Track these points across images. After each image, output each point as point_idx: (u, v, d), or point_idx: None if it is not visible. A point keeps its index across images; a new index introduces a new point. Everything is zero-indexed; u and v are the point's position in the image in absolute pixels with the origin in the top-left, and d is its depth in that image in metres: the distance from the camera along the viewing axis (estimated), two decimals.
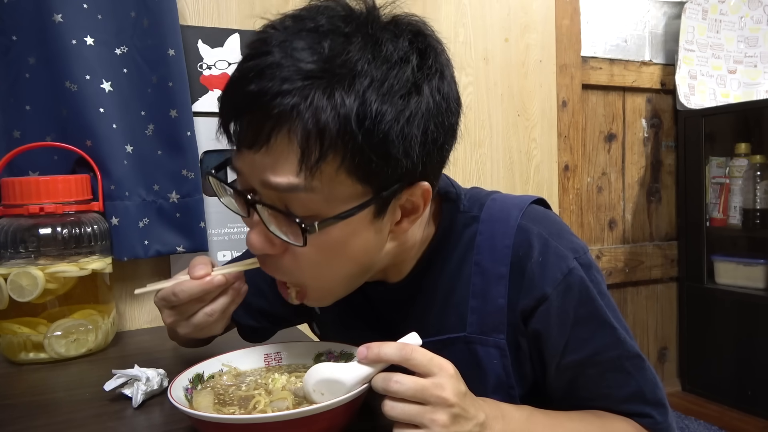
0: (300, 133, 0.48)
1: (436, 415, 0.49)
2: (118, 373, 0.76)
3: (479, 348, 0.65)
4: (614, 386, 0.64)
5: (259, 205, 0.53)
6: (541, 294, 0.62)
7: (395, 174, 0.52)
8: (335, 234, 0.53)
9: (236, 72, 0.52)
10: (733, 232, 1.99)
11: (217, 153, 1.31)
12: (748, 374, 1.85)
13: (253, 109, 0.50)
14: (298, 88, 0.48)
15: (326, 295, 0.62)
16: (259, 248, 0.56)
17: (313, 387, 0.55)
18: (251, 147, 0.51)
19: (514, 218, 0.65)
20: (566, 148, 1.81)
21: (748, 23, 2.08)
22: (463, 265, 0.66)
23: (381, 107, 0.48)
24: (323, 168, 0.49)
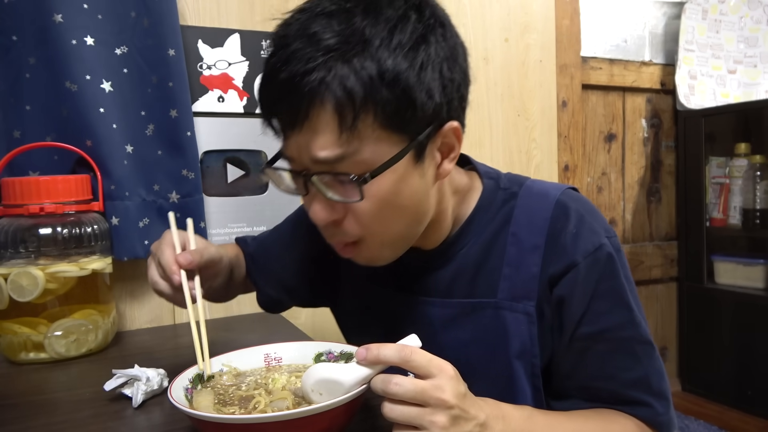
0: (332, 102, 0.53)
1: (435, 416, 0.49)
2: (118, 373, 0.76)
3: (507, 314, 0.67)
4: (621, 368, 0.65)
5: (314, 177, 0.58)
6: (571, 261, 0.65)
7: (424, 118, 0.57)
8: (385, 184, 0.58)
9: (265, 69, 0.58)
10: (733, 232, 1.99)
11: (217, 153, 1.31)
12: (747, 374, 1.85)
13: (287, 95, 0.55)
14: (320, 63, 0.53)
15: (384, 248, 0.65)
16: (324, 217, 0.60)
17: (312, 387, 0.55)
18: (293, 128, 0.56)
19: (553, 195, 0.69)
20: (566, 148, 1.81)
21: (748, 23, 2.08)
22: (499, 236, 0.70)
23: (395, 62, 0.54)
24: (360, 128, 0.54)
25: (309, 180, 0.58)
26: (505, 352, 0.67)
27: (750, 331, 1.84)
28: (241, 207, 1.33)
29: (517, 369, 0.67)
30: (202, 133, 1.26)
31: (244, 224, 1.34)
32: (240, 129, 1.32)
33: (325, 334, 1.42)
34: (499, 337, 0.68)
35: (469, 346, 0.70)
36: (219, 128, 1.30)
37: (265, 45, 1.33)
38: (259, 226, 1.35)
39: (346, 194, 0.58)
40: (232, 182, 1.33)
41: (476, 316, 0.69)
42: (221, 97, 1.30)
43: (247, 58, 1.32)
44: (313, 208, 0.61)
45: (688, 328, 2.05)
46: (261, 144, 1.34)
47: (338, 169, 0.56)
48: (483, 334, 0.69)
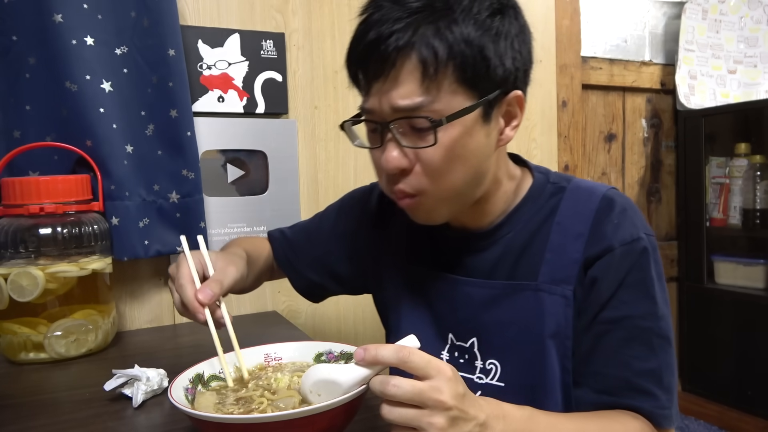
0: (417, 57, 0.61)
1: (433, 418, 0.49)
2: (118, 373, 0.76)
3: (546, 296, 0.70)
4: (635, 357, 0.66)
5: (392, 125, 0.64)
6: (608, 245, 0.68)
7: (494, 81, 0.64)
8: (455, 133, 0.64)
9: (356, 30, 0.65)
10: (733, 232, 1.99)
11: (217, 153, 1.31)
12: (748, 374, 1.85)
13: (377, 51, 0.62)
14: (408, 23, 0.61)
15: (442, 203, 0.69)
16: (396, 164, 0.65)
17: (310, 388, 0.55)
18: (379, 78, 0.63)
19: (600, 190, 0.73)
20: (566, 148, 1.81)
21: (748, 23, 2.08)
22: (544, 224, 0.74)
23: (474, 27, 0.62)
24: (439, 81, 0.61)
25: (386, 129, 0.64)
26: (540, 331, 0.70)
27: (750, 331, 1.84)
28: (241, 207, 1.33)
29: (549, 348, 0.69)
30: (202, 133, 1.26)
31: (244, 224, 1.34)
32: (240, 129, 1.32)
33: (325, 334, 1.42)
34: (535, 318, 0.70)
35: (507, 326, 0.73)
36: (219, 128, 1.30)
37: (265, 44, 1.34)
38: (259, 226, 1.35)
39: (420, 141, 0.64)
40: (232, 182, 1.33)
41: (516, 297, 0.72)
42: (221, 97, 1.30)
43: (247, 58, 1.32)
44: (386, 156, 0.65)
45: (688, 328, 2.05)
46: (261, 144, 1.34)
47: (415, 115, 0.62)
48: (521, 315, 0.71)
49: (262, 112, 1.34)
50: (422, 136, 0.64)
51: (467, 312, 0.75)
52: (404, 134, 0.65)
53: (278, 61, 1.35)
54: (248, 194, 1.35)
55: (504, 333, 0.73)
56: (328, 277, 0.95)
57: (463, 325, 0.76)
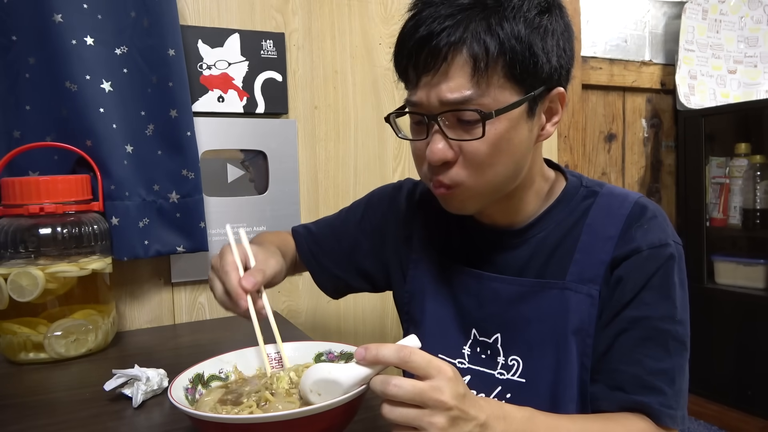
0: (469, 52, 0.62)
1: (434, 418, 0.49)
2: (118, 373, 0.76)
3: (572, 294, 0.72)
4: (650, 356, 0.67)
5: (440, 117, 0.65)
6: (636, 246, 0.70)
7: (540, 77, 0.66)
8: (501, 127, 0.65)
9: (405, 26, 0.67)
10: (733, 232, 1.99)
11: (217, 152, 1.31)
12: (748, 374, 1.85)
13: (428, 46, 0.63)
14: (460, 20, 0.62)
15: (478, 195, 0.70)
16: (441, 156, 0.66)
17: (310, 387, 0.55)
18: (429, 71, 0.64)
19: (632, 197, 0.75)
20: (566, 148, 1.81)
21: (748, 23, 2.08)
22: (575, 226, 0.75)
23: (524, 25, 0.63)
24: (490, 75, 0.63)
25: (433, 121, 0.66)
26: (563, 327, 0.71)
27: (750, 331, 1.84)
28: (241, 207, 1.33)
29: (570, 344, 0.70)
30: (202, 133, 1.26)
31: (244, 224, 1.34)
32: (240, 129, 1.32)
33: (325, 334, 1.42)
34: (560, 314, 0.72)
35: (532, 322, 0.74)
36: (219, 128, 1.30)
37: (265, 44, 1.34)
38: (259, 226, 1.35)
39: (465, 134, 0.65)
40: (232, 182, 1.33)
41: (543, 295, 0.73)
42: (221, 97, 1.30)
43: (247, 58, 1.32)
44: (432, 148, 0.66)
45: None
46: (261, 144, 1.34)
47: (464, 108, 0.64)
48: (546, 312, 0.73)
49: (262, 112, 1.34)
50: (469, 129, 0.65)
51: (493, 308, 0.76)
52: (450, 127, 0.66)
53: (278, 61, 1.35)
54: (248, 194, 1.35)
55: (529, 329, 0.74)
56: (353, 272, 0.96)
57: (488, 320, 0.77)
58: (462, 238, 0.83)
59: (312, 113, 1.41)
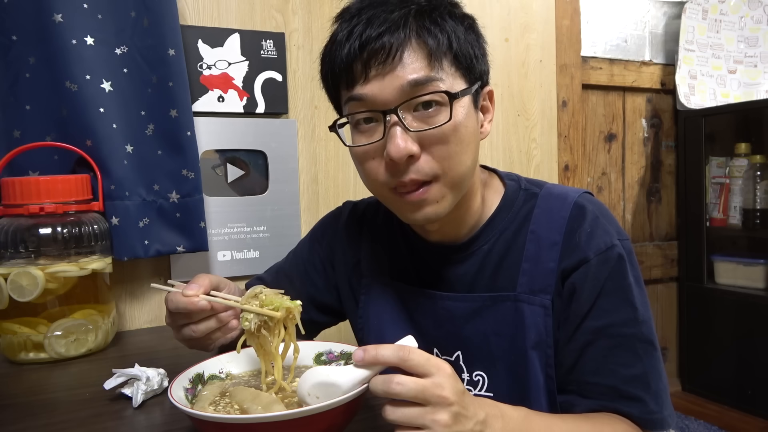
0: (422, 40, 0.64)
1: (437, 415, 0.49)
2: (118, 373, 0.76)
3: (525, 307, 0.71)
4: (621, 364, 0.66)
5: (400, 109, 0.64)
6: (584, 256, 0.69)
7: (476, 74, 0.69)
8: (460, 114, 0.66)
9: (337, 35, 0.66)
10: (733, 232, 1.99)
11: (218, 153, 1.31)
12: (748, 374, 1.85)
13: (379, 40, 0.63)
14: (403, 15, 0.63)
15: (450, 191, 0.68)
16: (404, 151, 0.63)
17: (309, 391, 0.55)
18: (384, 61, 0.63)
19: (571, 197, 0.74)
20: (566, 148, 1.81)
21: (748, 23, 2.08)
22: (519, 233, 0.74)
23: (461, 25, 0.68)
24: (443, 62, 0.65)
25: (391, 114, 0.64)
26: (522, 342, 0.70)
27: (750, 331, 1.84)
28: (241, 207, 1.33)
29: (532, 359, 0.70)
30: (202, 133, 1.26)
31: (244, 224, 1.34)
32: (240, 129, 1.32)
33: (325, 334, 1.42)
34: (517, 329, 0.71)
35: (490, 337, 0.73)
36: (219, 128, 1.30)
37: (265, 44, 1.34)
38: (259, 225, 1.35)
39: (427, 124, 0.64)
40: (232, 182, 1.33)
41: (496, 308, 0.72)
42: (221, 97, 1.30)
43: (247, 58, 1.32)
44: (393, 143, 0.63)
45: (688, 328, 2.05)
46: (261, 144, 1.34)
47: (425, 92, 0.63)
48: (503, 326, 0.72)
49: (262, 112, 1.34)
50: (430, 116, 0.64)
51: (450, 326, 0.75)
52: (408, 118, 0.65)
53: (278, 61, 1.35)
54: (248, 194, 1.35)
55: (488, 344, 0.73)
56: (315, 311, 0.93)
57: (447, 339, 0.76)
58: (411, 256, 0.82)
59: (312, 113, 1.41)
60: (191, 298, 0.67)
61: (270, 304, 0.63)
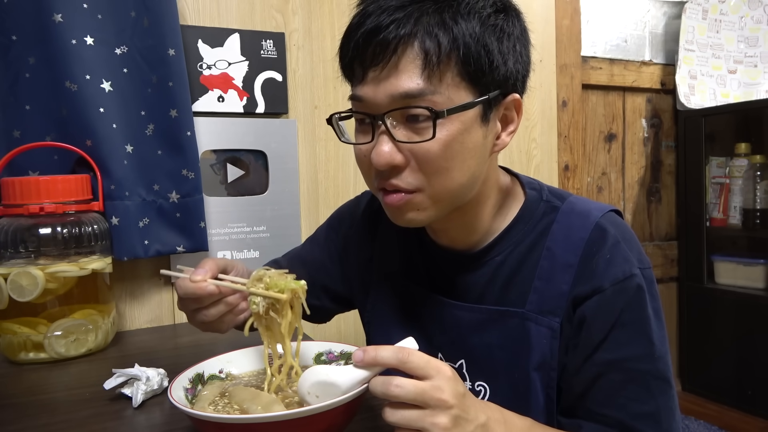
0: (420, 46, 0.59)
1: (436, 418, 0.49)
2: (118, 372, 0.76)
3: (532, 326, 0.68)
4: (633, 399, 0.64)
5: (387, 116, 0.61)
6: (599, 285, 0.65)
7: (495, 80, 0.63)
8: (454, 129, 0.61)
9: (353, 20, 0.63)
10: (733, 232, 1.99)
11: (217, 153, 1.31)
12: (748, 374, 1.85)
13: (376, 38, 0.59)
14: (410, 12, 0.59)
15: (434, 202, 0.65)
16: (387, 159, 0.61)
17: (308, 390, 0.55)
18: (378, 64, 0.60)
19: (594, 216, 0.69)
20: (566, 148, 1.81)
21: (748, 23, 2.08)
22: (534, 248, 0.71)
23: (479, 23, 0.60)
24: (442, 71, 0.59)
25: (379, 120, 0.61)
26: (525, 362, 0.68)
27: (750, 331, 1.84)
28: (241, 207, 1.33)
29: (534, 380, 0.68)
30: (202, 133, 1.26)
31: (244, 224, 1.34)
32: (240, 129, 1.32)
33: (325, 334, 1.42)
34: (521, 347, 0.69)
35: (494, 350, 0.71)
36: (219, 128, 1.30)
37: (265, 44, 1.34)
38: (259, 225, 1.35)
39: (415, 136, 0.61)
40: (232, 182, 1.33)
41: (503, 323, 0.70)
42: (221, 97, 1.30)
43: (247, 58, 1.32)
44: (377, 150, 0.62)
45: (688, 328, 2.05)
46: (261, 144, 1.34)
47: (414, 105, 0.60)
48: (508, 341, 0.70)
49: (262, 112, 1.34)
50: (419, 129, 0.61)
51: (456, 334, 0.74)
52: (398, 128, 0.62)
53: (278, 61, 1.35)
54: (248, 194, 1.35)
55: (492, 357, 0.71)
56: (328, 299, 0.93)
57: (452, 346, 0.75)
58: (423, 257, 0.80)
59: (312, 113, 1.41)
60: (199, 284, 0.67)
61: (275, 287, 0.62)
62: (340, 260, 0.92)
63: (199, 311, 0.70)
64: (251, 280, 0.64)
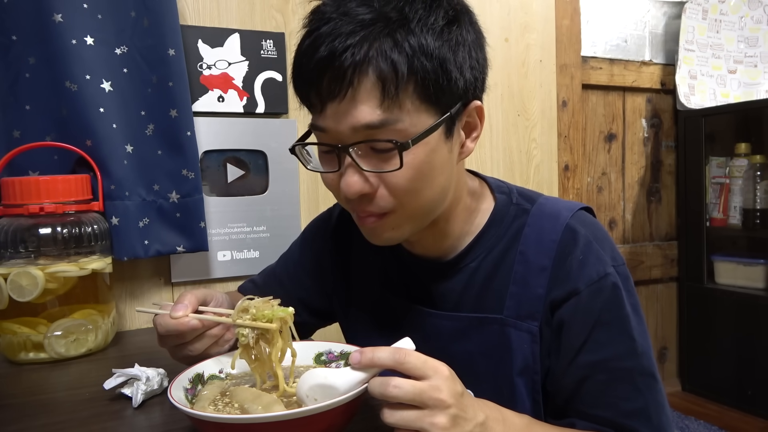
0: (377, 73, 0.56)
1: (435, 418, 0.49)
2: (118, 372, 0.76)
3: (512, 331, 0.68)
4: (621, 397, 0.64)
5: (352, 148, 0.59)
6: (574, 288, 0.65)
7: (456, 94, 0.61)
8: (420, 153, 0.60)
9: (302, 45, 0.60)
10: (733, 232, 1.99)
11: (217, 153, 1.31)
12: (748, 374, 1.85)
13: (330, 69, 0.57)
14: (363, 37, 0.56)
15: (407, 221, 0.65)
16: (357, 189, 0.61)
17: (307, 392, 0.55)
18: (335, 98, 0.58)
19: (564, 217, 0.69)
20: (566, 148, 1.81)
21: (748, 23, 2.08)
22: (508, 252, 0.71)
23: (433, 38, 0.58)
24: (401, 98, 0.57)
25: (345, 152, 0.60)
26: (508, 368, 0.68)
27: (750, 331, 1.84)
28: (241, 207, 1.33)
29: (518, 384, 0.68)
30: (202, 133, 1.26)
31: (243, 224, 1.34)
32: (240, 129, 1.32)
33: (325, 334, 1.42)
34: (503, 353, 0.69)
35: (476, 357, 0.71)
36: (219, 128, 1.30)
37: (265, 44, 1.34)
38: (259, 225, 1.35)
39: (383, 165, 0.60)
40: (232, 182, 1.33)
41: (483, 330, 0.70)
42: (221, 97, 1.30)
43: (247, 58, 1.32)
44: (346, 181, 0.61)
45: (688, 328, 2.05)
46: (261, 144, 1.34)
47: (377, 138, 0.58)
48: (489, 348, 0.70)
49: (262, 112, 1.34)
50: (385, 158, 0.59)
51: (436, 343, 0.72)
52: (365, 157, 0.60)
53: (278, 61, 1.35)
54: (248, 194, 1.35)
55: (474, 365, 0.71)
56: (308, 314, 0.91)
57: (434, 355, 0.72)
58: (399, 267, 0.79)
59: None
60: (181, 320, 0.66)
61: (262, 317, 0.62)
62: (317, 275, 0.90)
63: (183, 347, 0.69)
64: (236, 312, 0.64)
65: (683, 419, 1.91)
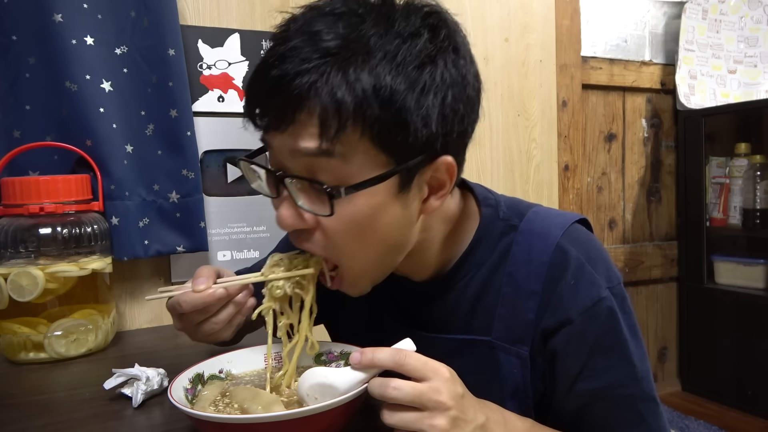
0: (318, 109, 0.51)
1: (434, 420, 0.49)
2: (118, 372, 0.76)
3: (501, 355, 0.65)
4: (624, 424, 0.63)
5: (287, 179, 0.55)
6: (566, 317, 0.62)
7: (416, 144, 0.53)
8: (361, 204, 0.54)
9: (261, 61, 0.55)
10: (733, 232, 1.99)
11: (217, 153, 1.31)
12: (748, 374, 1.85)
13: (276, 93, 0.52)
14: (315, 66, 0.50)
15: (361, 276, 0.62)
16: (290, 223, 0.57)
17: (307, 391, 0.55)
18: (276, 129, 0.54)
19: (554, 236, 0.64)
20: (566, 148, 1.81)
21: (748, 23, 2.08)
22: (495, 272, 0.67)
23: (395, 79, 0.51)
24: (344, 139, 0.51)
25: (281, 182, 0.56)
26: (499, 390, 0.66)
27: (750, 331, 1.84)
28: (241, 207, 1.33)
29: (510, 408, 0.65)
30: (202, 133, 1.26)
31: (244, 224, 1.34)
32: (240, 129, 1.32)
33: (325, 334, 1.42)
34: (493, 375, 0.66)
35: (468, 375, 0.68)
36: (219, 128, 1.30)
37: (265, 45, 1.33)
38: (259, 225, 1.35)
39: (317, 205, 0.55)
40: (232, 182, 1.33)
41: (472, 351, 0.67)
42: (221, 97, 1.30)
43: (247, 57, 1.32)
44: (280, 212, 0.57)
45: (688, 328, 2.05)
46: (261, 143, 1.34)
47: (315, 171, 0.53)
48: (479, 369, 0.67)
49: None
50: (321, 199, 0.54)
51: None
52: (303, 191, 0.55)
53: None
54: (248, 194, 1.35)
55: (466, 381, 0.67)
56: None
57: None
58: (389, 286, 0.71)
59: None
60: (206, 291, 0.63)
61: (297, 265, 0.62)
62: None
63: (207, 322, 0.67)
64: (267, 267, 0.64)
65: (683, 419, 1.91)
